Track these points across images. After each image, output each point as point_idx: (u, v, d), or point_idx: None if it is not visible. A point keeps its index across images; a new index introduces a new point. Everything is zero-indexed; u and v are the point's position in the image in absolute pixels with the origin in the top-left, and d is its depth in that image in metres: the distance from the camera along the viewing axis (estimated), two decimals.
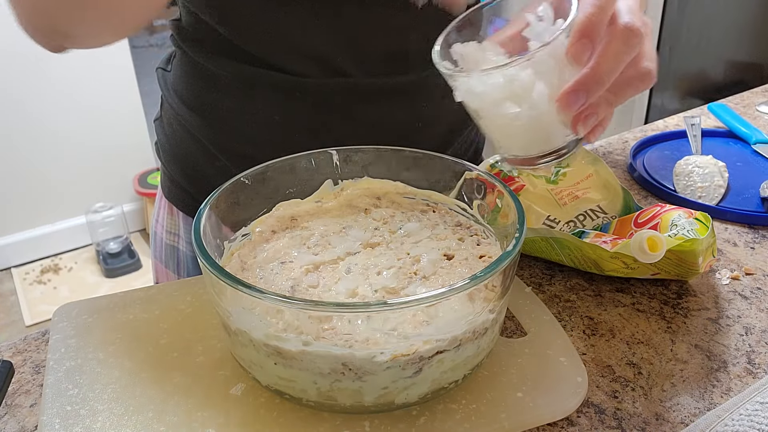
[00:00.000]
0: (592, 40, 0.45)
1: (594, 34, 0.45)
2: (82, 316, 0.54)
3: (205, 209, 0.49)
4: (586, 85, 0.45)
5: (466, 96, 0.50)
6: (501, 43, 0.52)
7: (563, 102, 0.45)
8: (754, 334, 0.54)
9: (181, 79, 0.73)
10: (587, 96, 0.45)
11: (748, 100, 1.03)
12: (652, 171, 0.80)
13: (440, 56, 0.51)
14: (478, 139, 0.84)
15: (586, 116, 0.46)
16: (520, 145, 0.51)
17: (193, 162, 0.74)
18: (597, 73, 0.45)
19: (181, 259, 0.82)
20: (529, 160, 0.51)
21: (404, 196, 0.59)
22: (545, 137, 0.50)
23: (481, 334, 0.44)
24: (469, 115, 0.51)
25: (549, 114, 0.48)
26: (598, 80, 0.44)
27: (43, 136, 2.27)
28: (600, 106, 0.46)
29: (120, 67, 2.30)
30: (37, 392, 0.49)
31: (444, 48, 0.52)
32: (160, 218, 0.83)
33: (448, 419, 0.45)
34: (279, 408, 0.46)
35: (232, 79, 0.68)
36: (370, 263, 0.51)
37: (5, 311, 2.18)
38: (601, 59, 0.45)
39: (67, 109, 2.25)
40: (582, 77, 0.45)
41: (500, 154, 0.54)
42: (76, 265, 2.41)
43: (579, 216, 0.65)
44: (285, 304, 0.40)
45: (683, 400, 0.48)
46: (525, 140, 0.50)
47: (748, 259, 0.64)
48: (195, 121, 0.72)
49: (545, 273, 0.62)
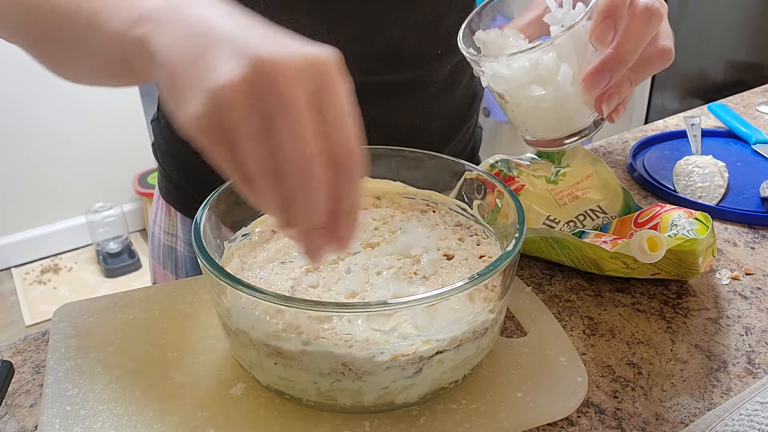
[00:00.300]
0: (615, 21, 0.47)
1: (617, 16, 0.47)
2: (82, 316, 0.54)
3: (204, 209, 0.49)
4: (610, 65, 0.47)
5: (493, 80, 0.51)
6: (521, 29, 0.53)
7: (588, 82, 0.48)
8: (754, 334, 0.54)
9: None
10: (611, 76, 0.47)
11: (748, 100, 1.03)
12: (652, 171, 0.80)
13: (465, 44, 0.53)
14: (475, 138, 0.84)
15: (609, 95, 0.49)
16: (546, 127, 0.53)
17: (191, 161, 0.74)
18: (620, 53, 0.47)
19: (179, 259, 0.82)
20: (554, 142, 0.54)
21: (404, 196, 0.59)
22: (569, 118, 0.52)
23: (481, 334, 0.44)
24: (466, 113, 0.52)
25: (573, 95, 0.50)
26: (621, 60, 0.47)
27: (43, 136, 2.27)
28: (622, 85, 0.48)
29: None
30: (37, 392, 0.49)
31: (467, 35, 0.54)
32: (158, 219, 0.83)
33: (448, 419, 0.45)
34: (279, 408, 0.46)
35: None
36: (370, 263, 0.51)
37: (5, 311, 2.18)
38: (623, 39, 0.47)
39: (67, 109, 2.25)
40: (606, 57, 0.47)
41: (524, 136, 0.56)
42: (76, 265, 2.41)
43: (579, 216, 0.65)
44: (285, 304, 0.40)
45: (683, 400, 0.48)
46: (550, 122, 0.52)
47: (748, 259, 0.64)
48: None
49: (545, 273, 0.62)
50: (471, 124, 0.81)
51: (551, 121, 0.52)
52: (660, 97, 1.66)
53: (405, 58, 0.68)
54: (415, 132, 0.72)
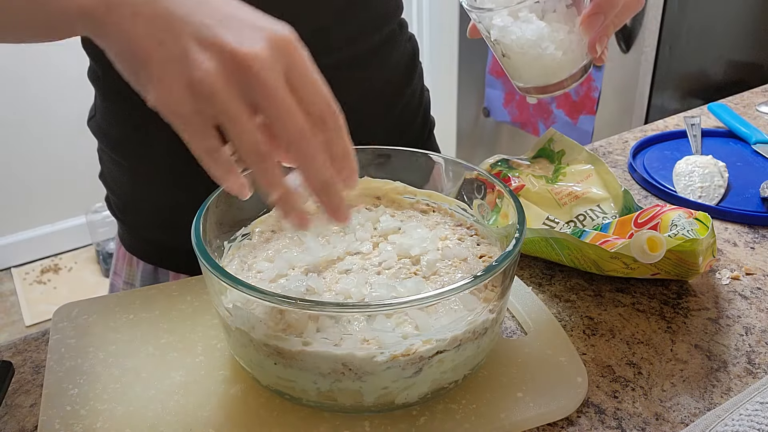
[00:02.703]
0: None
1: None
2: (82, 316, 0.54)
3: (204, 209, 0.49)
4: (603, 8, 0.53)
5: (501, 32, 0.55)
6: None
7: (586, 24, 0.53)
8: (754, 334, 0.54)
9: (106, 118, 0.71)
10: (605, 17, 0.53)
11: (748, 100, 1.03)
12: (652, 171, 0.80)
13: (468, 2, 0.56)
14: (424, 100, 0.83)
15: (601, 36, 0.54)
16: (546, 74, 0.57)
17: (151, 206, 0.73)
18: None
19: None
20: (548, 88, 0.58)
21: (404, 196, 0.59)
22: (570, 60, 0.56)
23: (481, 334, 0.44)
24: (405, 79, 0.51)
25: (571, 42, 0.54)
26: (613, 3, 0.52)
27: (44, 136, 2.27)
28: (609, 27, 0.54)
29: None
30: (37, 392, 0.49)
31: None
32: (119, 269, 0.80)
33: (448, 419, 0.45)
34: (279, 408, 0.46)
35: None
36: (370, 263, 0.51)
37: (5, 311, 2.18)
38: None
39: (68, 108, 2.25)
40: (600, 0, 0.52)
41: (518, 84, 0.59)
42: (76, 265, 2.41)
43: (579, 216, 0.65)
44: (285, 304, 0.40)
45: (683, 400, 0.48)
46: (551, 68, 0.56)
47: (748, 259, 0.64)
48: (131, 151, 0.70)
49: (545, 273, 0.62)
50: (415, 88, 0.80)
51: (551, 68, 0.56)
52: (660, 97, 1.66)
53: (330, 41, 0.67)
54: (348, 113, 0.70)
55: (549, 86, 0.58)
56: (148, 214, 0.74)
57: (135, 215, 0.75)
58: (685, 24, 1.57)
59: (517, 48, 0.55)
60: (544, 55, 0.54)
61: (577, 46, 0.55)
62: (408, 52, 0.78)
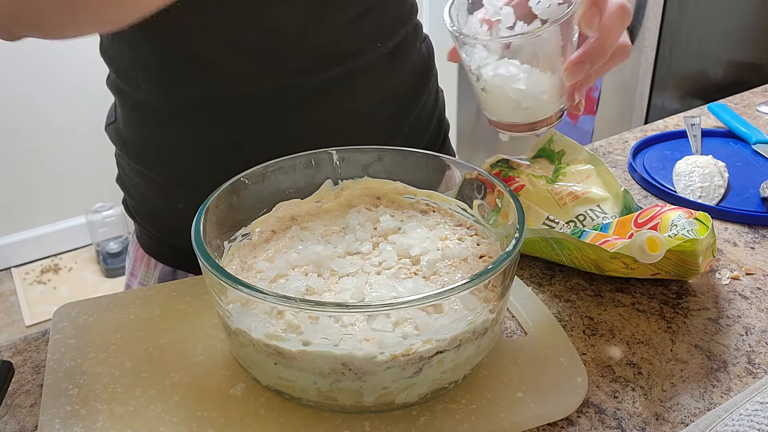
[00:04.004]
0: (601, 9, 0.50)
1: (602, 4, 0.50)
2: (82, 316, 0.54)
3: (204, 209, 0.49)
4: (592, 56, 0.50)
5: (481, 65, 0.53)
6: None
7: (571, 70, 0.51)
8: (754, 334, 0.54)
9: (127, 123, 0.71)
10: (591, 65, 0.50)
11: (748, 100, 1.03)
12: (652, 171, 0.80)
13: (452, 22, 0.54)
14: (439, 104, 0.82)
15: (581, 84, 0.52)
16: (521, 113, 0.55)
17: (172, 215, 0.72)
18: (602, 46, 0.50)
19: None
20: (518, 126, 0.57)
21: (404, 196, 0.59)
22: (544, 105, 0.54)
23: (481, 334, 0.44)
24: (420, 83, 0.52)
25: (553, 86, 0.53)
26: (603, 52, 0.50)
27: (44, 136, 2.27)
28: (591, 76, 0.52)
29: None
30: (37, 392, 0.49)
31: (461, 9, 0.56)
32: (135, 270, 0.80)
33: (448, 419, 0.45)
34: (279, 408, 0.46)
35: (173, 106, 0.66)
36: (370, 263, 0.51)
37: (5, 311, 2.18)
38: (604, 32, 0.50)
39: (68, 108, 2.25)
40: (590, 48, 0.50)
41: (490, 117, 0.58)
42: (76, 265, 2.41)
43: (579, 216, 0.65)
44: (285, 304, 0.40)
45: (683, 400, 0.48)
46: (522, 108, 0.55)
47: (748, 259, 0.64)
48: (152, 163, 0.70)
49: (545, 273, 0.62)
50: (431, 91, 0.79)
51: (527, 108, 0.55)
52: (660, 97, 1.66)
53: (344, 48, 0.66)
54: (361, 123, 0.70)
55: (521, 125, 0.57)
56: (169, 221, 0.74)
57: (154, 220, 0.76)
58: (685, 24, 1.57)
59: (495, 82, 0.54)
60: (521, 94, 0.53)
61: (557, 90, 0.53)
62: (423, 55, 0.77)
